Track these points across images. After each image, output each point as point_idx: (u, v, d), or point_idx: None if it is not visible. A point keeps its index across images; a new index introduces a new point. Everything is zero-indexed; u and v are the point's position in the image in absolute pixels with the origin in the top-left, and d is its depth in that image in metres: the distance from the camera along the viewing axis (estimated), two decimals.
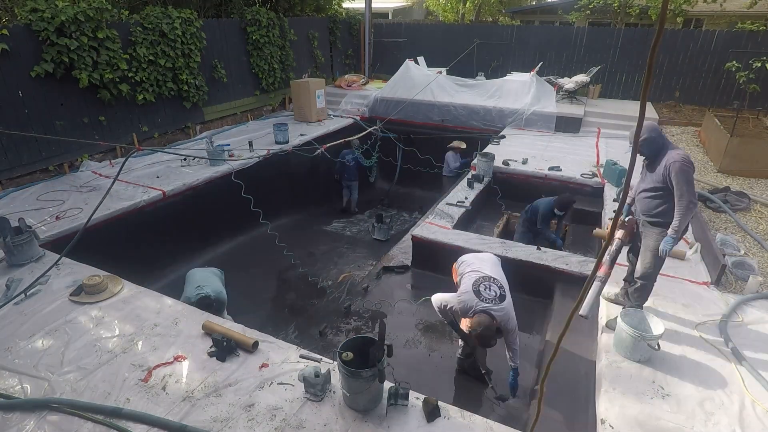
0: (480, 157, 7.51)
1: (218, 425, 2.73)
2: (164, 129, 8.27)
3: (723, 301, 4.10)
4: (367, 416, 2.76)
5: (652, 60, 0.99)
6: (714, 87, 10.80)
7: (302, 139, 8.66)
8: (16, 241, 4.31)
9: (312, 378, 2.86)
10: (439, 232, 5.66)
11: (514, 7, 21.32)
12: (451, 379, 4.20)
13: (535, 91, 10.12)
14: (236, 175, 6.64)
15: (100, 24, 6.57)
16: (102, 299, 3.92)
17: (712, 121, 8.36)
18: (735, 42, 10.29)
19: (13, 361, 3.25)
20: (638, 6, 13.95)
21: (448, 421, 2.77)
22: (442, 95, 10.61)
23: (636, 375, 3.26)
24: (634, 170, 1.37)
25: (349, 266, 7.19)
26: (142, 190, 6.17)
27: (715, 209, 5.94)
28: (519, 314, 4.37)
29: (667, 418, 2.91)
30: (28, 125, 6.17)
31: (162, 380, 3.08)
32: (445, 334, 4.73)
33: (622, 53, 11.31)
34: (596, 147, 8.76)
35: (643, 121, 1.10)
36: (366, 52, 13.58)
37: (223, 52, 9.17)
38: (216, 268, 4.58)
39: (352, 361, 2.66)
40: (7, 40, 5.79)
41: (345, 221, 9.17)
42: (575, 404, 3.54)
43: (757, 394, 3.11)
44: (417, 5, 25.16)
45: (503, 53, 12.56)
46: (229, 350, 3.28)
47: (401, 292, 5.41)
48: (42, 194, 6.01)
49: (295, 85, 9.91)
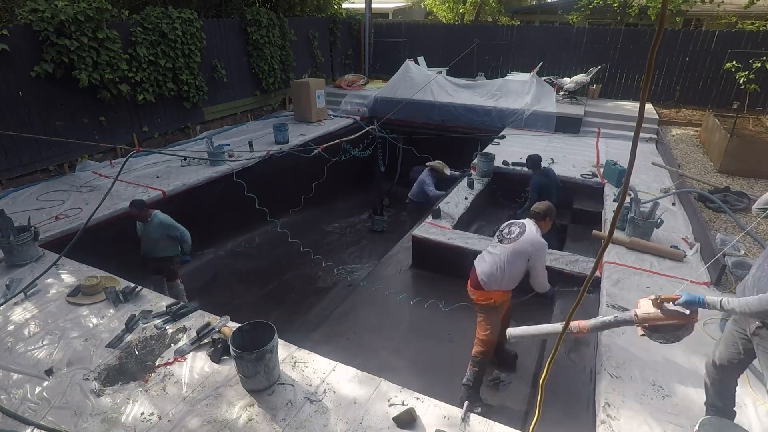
0: (480, 157, 7.51)
1: (218, 425, 2.73)
2: (164, 129, 8.27)
3: None
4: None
5: (652, 60, 0.99)
6: (714, 87, 10.80)
7: (302, 139, 8.67)
8: (20, 240, 4.31)
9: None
10: (439, 232, 5.66)
11: (514, 7, 21.32)
12: (452, 378, 4.20)
13: (535, 92, 10.13)
14: (237, 175, 6.64)
15: (100, 24, 6.57)
16: (99, 300, 3.91)
17: (712, 122, 8.36)
18: (735, 42, 10.29)
19: (14, 361, 3.25)
20: (638, 6, 13.95)
21: (449, 421, 2.77)
22: (442, 95, 10.62)
23: (636, 375, 3.26)
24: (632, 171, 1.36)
25: (351, 265, 7.21)
26: (142, 190, 6.17)
27: (715, 209, 5.94)
28: (519, 314, 4.38)
29: (667, 418, 2.91)
30: (28, 125, 6.17)
31: (162, 380, 3.08)
32: (445, 333, 4.73)
33: (622, 53, 11.31)
34: (596, 147, 8.76)
35: (642, 121, 1.10)
36: (366, 52, 13.58)
37: (223, 52, 9.17)
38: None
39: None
40: (7, 40, 5.79)
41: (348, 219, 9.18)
42: (575, 404, 3.54)
43: (760, 394, 3.10)
44: (417, 5, 25.16)
45: (503, 53, 12.57)
46: (224, 350, 3.28)
47: (402, 291, 5.40)
48: (42, 194, 6.01)
49: (295, 85, 9.91)
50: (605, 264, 4.70)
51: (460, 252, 5.25)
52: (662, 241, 5.11)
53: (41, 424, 2.66)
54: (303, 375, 3.11)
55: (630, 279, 4.43)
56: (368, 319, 4.94)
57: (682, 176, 7.06)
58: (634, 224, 5.12)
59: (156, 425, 2.74)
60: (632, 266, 4.66)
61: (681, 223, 5.66)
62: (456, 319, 4.84)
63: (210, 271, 6.83)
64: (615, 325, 2.75)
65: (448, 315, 4.91)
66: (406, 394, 2.97)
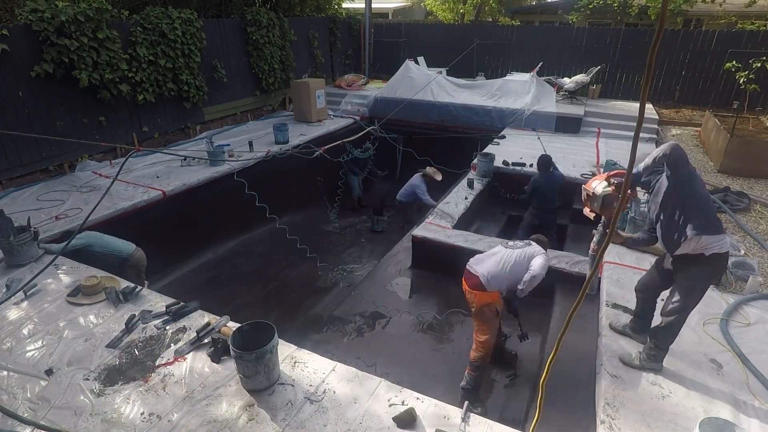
0: (480, 157, 7.52)
1: (218, 425, 2.73)
2: (164, 129, 8.27)
3: (723, 301, 4.10)
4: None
5: (652, 60, 0.99)
6: (714, 87, 10.80)
7: (302, 139, 8.66)
8: (19, 240, 4.31)
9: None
10: (439, 232, 5.66)
11: (514, 7, 21.33)
12: (452, 378, 4.20)
13: (535, 91, 10.12)
14: (238, 174, 6.64)
15: (100, 24, 6.56)
16: (99, 300, 3.91)
17: (712, 122, 8.36)
18: (735, 42, 10.29)
19: (14, 361, 3.24)
20: (638, 6, 13.95)
21: (449, 421, 2.77)
22: (442, 95, 10.61)
23: (636, 376, 3.26)
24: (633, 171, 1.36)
25: (350, 265, 7.21)
26: (142, 190, 6.17)
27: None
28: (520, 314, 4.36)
29: (667, 418, 2.91)
30: (28, 125, 6.17)
31: (162, 380, 3.08)
32: (445, 333, 4.73)
33: (622, 53, 11.31)
34: (596, 147, 8.76)
35: (642, 121, 1.10)
36: (366, 52, 13.58)
37: (223, 52, 9.17)
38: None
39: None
40: (7, 41, 5.79)
41: (348, 219, 9.18)
42: (575, 404, 3.54)
43: (759, 394, 3.11)
44: (417, 5, 25.17)
45: (503, 53, 12.57)
46: (224, 350, 3.28)
47: (402, 291, 5.41)
48: (42, 194, 6.01)
49: (295, 85, 9.91)
50: (605, 264, 4.70)
51: (460, 252, 5.25)
52: None
53: (41, 424, 2.66)
54: (303, 375, 3.11)
55: (630, 279, 4.43)
56: (368, 319, 4.94)
57: None
58: (635, 224, 5.12)
59: (156, 425, 2.74)
60: (632, 266, 4.66)
61: None
62: (456, 319, 4.85)
63: (210, 271, 6.84)
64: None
65: (448, 314, 4.91)
66: (406, 394, 2.96)
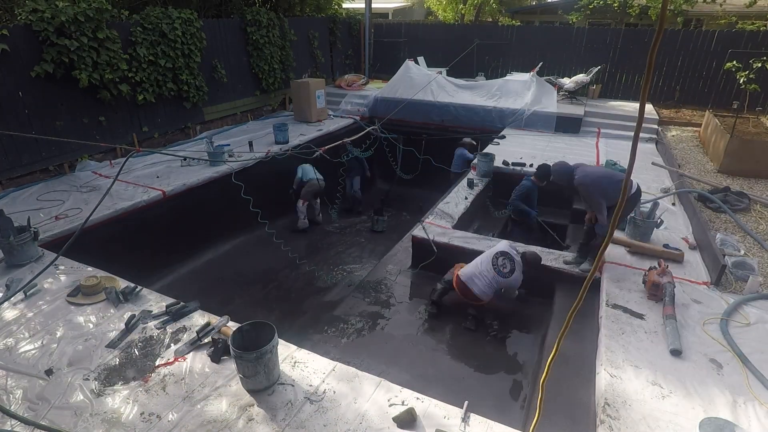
0: (480, 157, 7.52)
1: (218, 425, 2.73)
2: (164, 129, 8.27)
3: (723, 301, 4.10)
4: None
5: (652, 60, 0.99)
6: (714, 87, 10.80)
7: (302, 139, 8.66)
8: (19, 240, 4.31)
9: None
10: (440, 232, 5.66)
11: (514, 7, 21.34)
12: (452, 379, 4.20)
13: (535, 91, 10.12)
14: (236, 176, 6.63)
15: (100, 24, 6.57)
16: (99, 300, 3.91)
17: (712, 122, 8.36)
18: (735, 42, 10.29)
19: (14, 361, 3.24)
20: (638, 6, 13.95)
21: (449, 421, 2.77)
22: (442, 95, 10.62)
23: (636, 376, 3.26)
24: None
25: (350, 265, 7.20)
26: (142, 190, 6.17)
27: (715, 209, 5.94)
28: (519, 314, 4.37)
29: (667, 418, 2.91)
30: (28, 125, 6.17)
31: (162, 380, 3.08)
32: (445, 333, 4.73)
33: (622, 53, 11.31)
34: (596, 147, 8.76)
35: (642, 121, 1.10)
36: (366, 52, 13.58)
37: (223, 52, 9.17)
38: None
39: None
40: (7, 41, 5.79)
41: (348, 219, 9.17)
42: (575, 404, 3.54)
43: (759, 394, 3.11)
44: (417, 5, 25.18)
45: (503, 53, 12.57)
46: (224, 350, 3.28)
47: (402, 291, 5.41)
48: (42, 194, 6.01)
49: (295, 85, 9.91)
50: (605, 264, 4.70)
51: (460, 252, 5.25)
52: (662, 241, 5.11)
53: (41, 424, 2.66)
54: (303, 375, 3.11)
55: (630, 279, 4.44)
56: (368, 319, 4.94)
57: (682, 176, 7.06)
58: (634, 224, 5.12)
59: (156, 425, 2.74)
60: (632, 266, 4.66)
61: (681, 224, 5.66)
62: (456, 319, 4.84)
63: (210, 271, 6.83)
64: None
65: (448, 314, 4.91)
66: (406, 394, 2.97)
